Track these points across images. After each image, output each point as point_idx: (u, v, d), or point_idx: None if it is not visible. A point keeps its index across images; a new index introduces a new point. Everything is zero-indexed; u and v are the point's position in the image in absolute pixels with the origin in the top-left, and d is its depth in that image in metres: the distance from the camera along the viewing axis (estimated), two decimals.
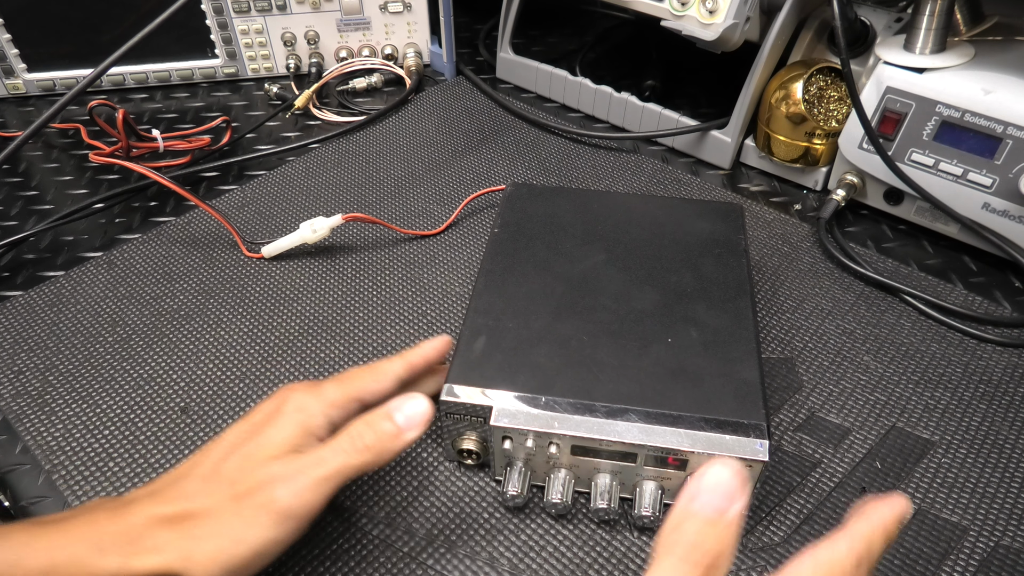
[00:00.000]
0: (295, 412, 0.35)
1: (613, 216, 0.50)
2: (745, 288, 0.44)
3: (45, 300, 0.53)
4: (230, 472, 0.33)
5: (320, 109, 0.75)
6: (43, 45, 0.74)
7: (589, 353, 0.40)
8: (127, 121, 0.62)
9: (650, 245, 0.47)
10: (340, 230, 0.59)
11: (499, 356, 0.40)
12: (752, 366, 0.39)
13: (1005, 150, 0.51)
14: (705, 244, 0.47)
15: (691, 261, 0.46)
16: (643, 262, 0.46)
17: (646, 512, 0.37)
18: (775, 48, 0.61)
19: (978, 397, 0.46)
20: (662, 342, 0.40)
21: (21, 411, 0.45)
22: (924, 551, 0.38)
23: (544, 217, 0.50)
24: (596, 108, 0.73)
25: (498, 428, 0.37)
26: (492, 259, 0.46)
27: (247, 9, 0.75)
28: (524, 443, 0.37)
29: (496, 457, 0.39)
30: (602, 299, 0.43)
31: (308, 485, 0.32)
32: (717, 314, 0.42)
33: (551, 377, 0.38)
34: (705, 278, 0.45)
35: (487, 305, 0.43)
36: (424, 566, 0.38)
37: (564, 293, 0.44)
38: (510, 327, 0.41)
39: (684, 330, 0.41)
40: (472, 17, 0.92)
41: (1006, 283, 0.55)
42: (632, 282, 0.44)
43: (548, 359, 0.39)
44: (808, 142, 0.61)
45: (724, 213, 0.50)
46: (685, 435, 0.36)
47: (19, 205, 0.63)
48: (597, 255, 0.47)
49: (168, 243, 0.58)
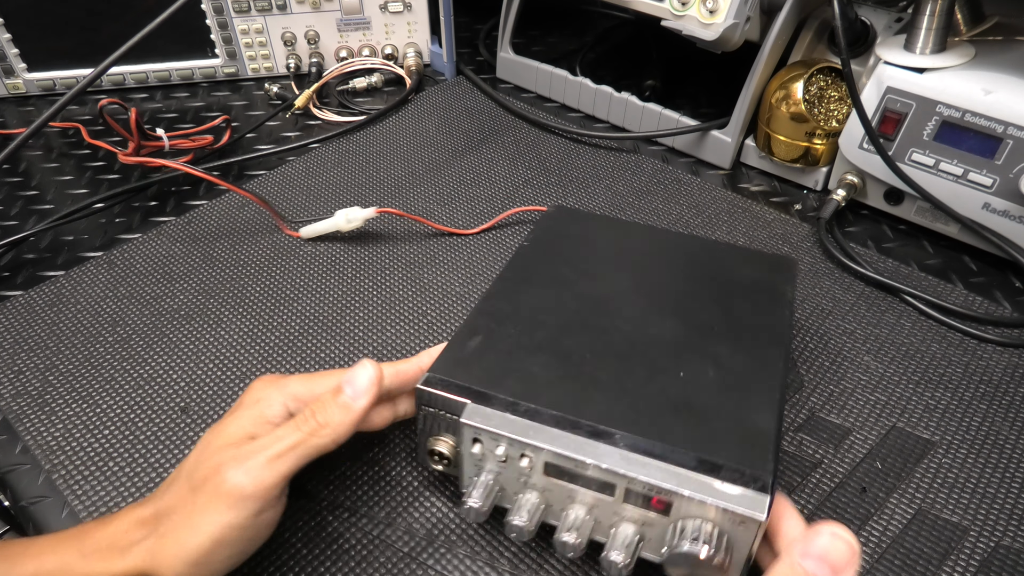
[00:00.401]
0: (254, 404, 0.36)
1: (651, 249, 0.47)
2: (782, 339, 0.39)
3: (45, 300, 0.53)
4: (188, 466, 0.34)
5: (320, 109, 0.75)
6: (43, 44, 0.74)
7: (588, 371, 0.36)
8: (138, 121, 0.62)
9: (684, 280, 0.44)
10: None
11: (491, 357, 0.37)
12: (770, 415, 0.34)
13: (1005, 150, 0.51)
14: (747, 289, 0.43)
15: (726, 303, 0.41)
16: (671, 295, 0.42)
17: (616, 558, 0.32)
18: (775, 48, 0.61)
19: (978, 397, 0.46)
20: (672, 374, 0.36)
21: (21, 411, 0.45)
22: (924, 551, 0.38)
23: (577, 239, 0.47)
24: (596, 108, 0.73)
25: (469, 427, 0.34)
26: (512, 268, 0.44)
27: (247, 9, 0.75)
28: (495, 450, 0.34)
29: (464, 463, 0.36)
30: (617, 322, 0.40)
31: (260, 463, 0.32)
32: (742, 358, 0.37)
33: (540, 386, 0.35)
34: (738, 321, 0.40)
35: (493, 308, 0.41)
36: (424, 566, 0.38)
37: (578, 310, 0.41)
38: (511, 332, 0.39)
39: (701, 366, 0.37)
40: (472, 17, 0.92)
41: (1006, 283, 0.55)
42: (654, 311, 0.41)
43: (542, 369, 0.36)
44: (808, 142, 0.61)
45: (775, 264, 0.46)
46: (673, 472, 0.31)
47: (19, 205, 0.63)
48: (623, 282, 0.43)
49: (168, 243, 0.58)
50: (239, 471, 0.32)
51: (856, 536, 0.39)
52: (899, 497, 0.41)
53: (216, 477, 0.32)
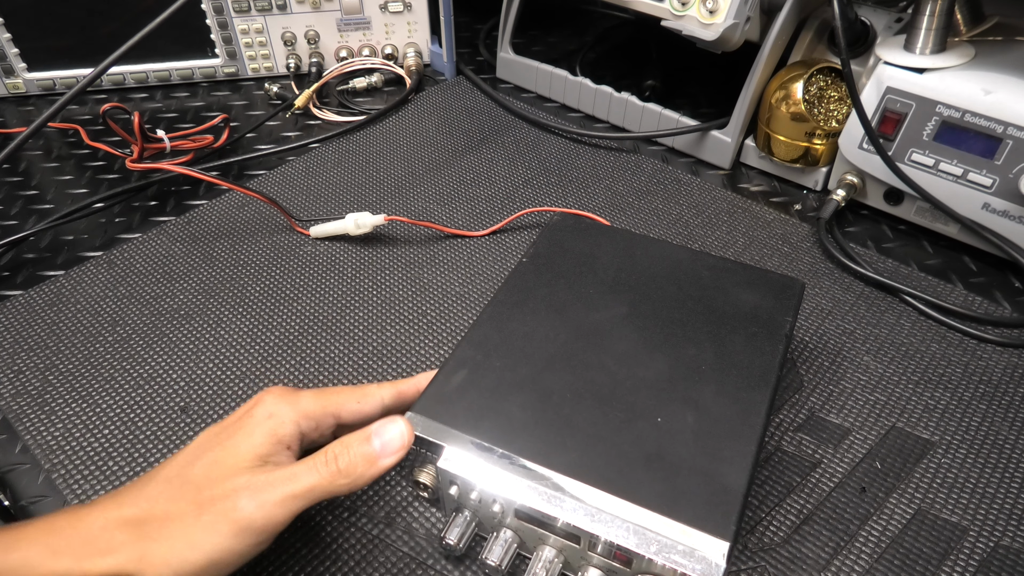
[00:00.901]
0: (266, 419, 0.34)
1: (653, 268, 0.46)
2: (768, 380, 0.38)
3: (45, 299, 0.53)
4: (196, 478, 0.33)
5: (320, 109, 0.75)
6: (43, 44, 0.74)
7: (567, 414, 0.36)
8: (141, 125, 0.63)
9: (681, 308, 0.43)
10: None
11: (473, 395, 0.37)
12: (741, 472, 0.34)
13: (1005, 150, 0.51)
14: (743, 319, 0.42)
15: (719, 336, 0.41)
16: (665, 326, 0.42)
17: None
18: (775, 48, 0.61)
19: (978, 397, 0.46)
20: (651, 420, 0.36)
21: (21, 410, 0.45)
22: (924, 551, 0.38)
23: (579, 256, 0.46)
24: (596, 108, 0.73)
25: (445, 472, 0.35)
26: (507, 291, 0.44)
27: (247, 9, 0.75)
28: (469, 495, 0.36)
29: (444, 499, 0.37)
30: (604, 358, 0.40)
31: (275, 500, 0.32)
32: (725, 403, 0.37)
33: (517, 431, 0.36)
34: (728, 358, 0.40)
35: (482, 338, 0.41)
36: (424, 566, 0.38)
37: (566, 342, 0.40)
38: (496, 367, 0.39)
39: (680, 412, 0.37)
40: (472, 17, 0.92)
41: (1006, 283, 0.55)
42: (644, 346, 0.40)
43: (521, 411, 0.37)
44: (808, 142, 0.61)
45: (779, 287, 0.44)
46: (634, 531, 0.32)
47: (19, 204, 0.63)
48: (618, 307, 0.43)
49: (168, 242, 0.58)
50: (253, 503, 0.31)
51: (856, 536, 0.39)
52: (899, 497, 0.41)
53: (227, 501, 0.31)
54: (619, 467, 0.34)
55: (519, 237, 0.59)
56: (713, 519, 0.32)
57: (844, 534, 0.39)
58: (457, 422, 0.36)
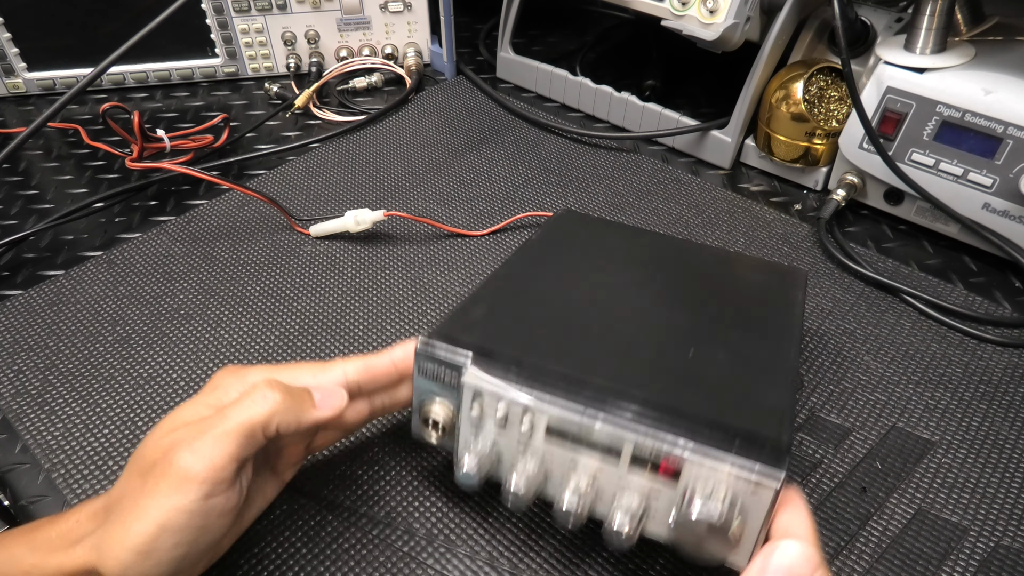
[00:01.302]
0: (210, 391, 0.34)
1: (661, 253, 0.46)
2: (792, 335, 0.38)
3: (45, 299, 0.53)
4: (139, 453, 0.32)
5: (320, 108, 0.75)
6: (43, 43, 0.74)
7: (596, 342, 0.35)
8: (141, 124, 0.63)
9: (695, 280, 0.43)
10: None
11: (494, 323, 0.35)
12: (783, 393, 0.32)
13: (1005, 150, 0.51)
14: (758, 289, 0.43)
15: (737, 300, 0.41)
16: (682, 290, 0.41)
17: (620, 526, 0.30)
18: (775, 48, 0.61)
19: (978, 397, 0.46)
20: (683, 353, 0.35)
21: (21, 410, 0.45)
22: (924, 551, 0.38)
23: (586, 238, 0.46)
24: (596, 108, 0.73)
25: (470, 384, 0.32)
26: (520, 255, 0.43)
27: (247, 8, 0.75)
28: (495, 411, 0.32)
29: (461, 427, 0.34)
30: (627, 307, 0.39)
31: (207, 442, 0.30)
32: (754, 345, 0.36)
33: (545, 349, 0.33)
34: (749, 314, 0.39)
35: (499, 285, 0.39)
36: (424, 566, 0.38)
37: (586, 293, 0.39)
38: (517, 305, 0.37)
39: (711, 349, 0.35)
40: (472, 17, 0.92)
41: (1006, 283, 0.55)
42: (665, 302, 0.40)
43: (548, 335, 0.35)
44: (808, 142, 0.61)
45: (786, 274, 0.45)
46: (684, 434, 0.30)
47: (19, 204, 0.63)
48: (633, 274, 0.42)
49: (168, 242, 0.58)
50: (187, 451, 0.30)
51: (856, 536, 0.39)
52: (899, 497, 0.41)
53: (164, 460, 0.30)
54: (659, 381, 0.32)
55: (519, 237, 0.59)
56: (765, 422, 0.30)
57: (844, 534, 0.39)
58: (482, 340, 0.33)
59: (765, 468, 0.28)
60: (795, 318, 0.40)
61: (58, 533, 0.31)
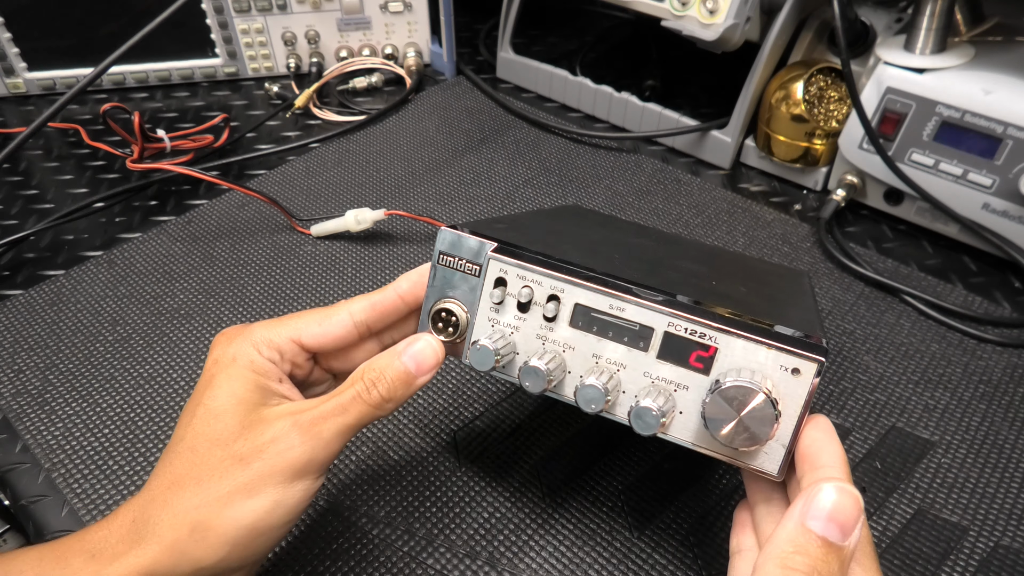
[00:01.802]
0: (230, 363, 0.32)
1: (670, 239, 0.47)
2: (806, 290, 0.39)
3: (45, 299, 0.53)
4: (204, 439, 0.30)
5: (320, 108, 0.75)
6: (43, 44, 0.74)
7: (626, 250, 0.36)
8: (141, 125, 0.63)
9: (702, 263, 0.42)
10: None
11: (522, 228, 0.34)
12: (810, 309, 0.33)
13: (1005, 150, 0.51)
14: (769, 274, 0.44)
15: (748, 271, 0.42)
16: (695, 260, 0.42)
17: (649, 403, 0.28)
18: (775, 48, 0.61)
19: (978, 397, 0.46)
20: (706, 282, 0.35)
21: (21, 410, 0.45)
22: (924, 551, 0.38)
23: (595, 219, 0.48)
24: (596, 108, 0.73)
25: (496, 260, 0.31)
26: (531, 214, 0.44)
27: (247, 8, 0.75)
28: (518, 293, 0.31)
29: (479, 315, 0.32)
30: (644, 252, 0.39)
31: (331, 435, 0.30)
32: (772, 287, 0.37)
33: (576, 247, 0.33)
34: (762, 277, 0.41)
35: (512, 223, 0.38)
36: (424, 566, 0.38)
37: (603, 240, 0.40)
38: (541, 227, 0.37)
39: (732, 284, 0.36)
40: (472, 17, 0.92)
41: (1006, 283, 0.55)
42: (681, 258, 0.41)
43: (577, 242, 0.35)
44: (808, 142, 0.61)
45: (791, 272, 0.47)
46: (717, 315, 0.28)
47: (19, 204, 0.63)
48: (646, 241, 0.43)
49: (168, 242, 0.58)
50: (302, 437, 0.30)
51: None
52: (899, 497, 0.41)
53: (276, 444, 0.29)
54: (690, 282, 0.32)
55: None
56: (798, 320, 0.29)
57: None
58: (507, 236, 0.32)
59: (804, 352, 0.27)
60: (807, 283, 0.41)
61: (93, 548, 0.29)
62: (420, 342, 0.33)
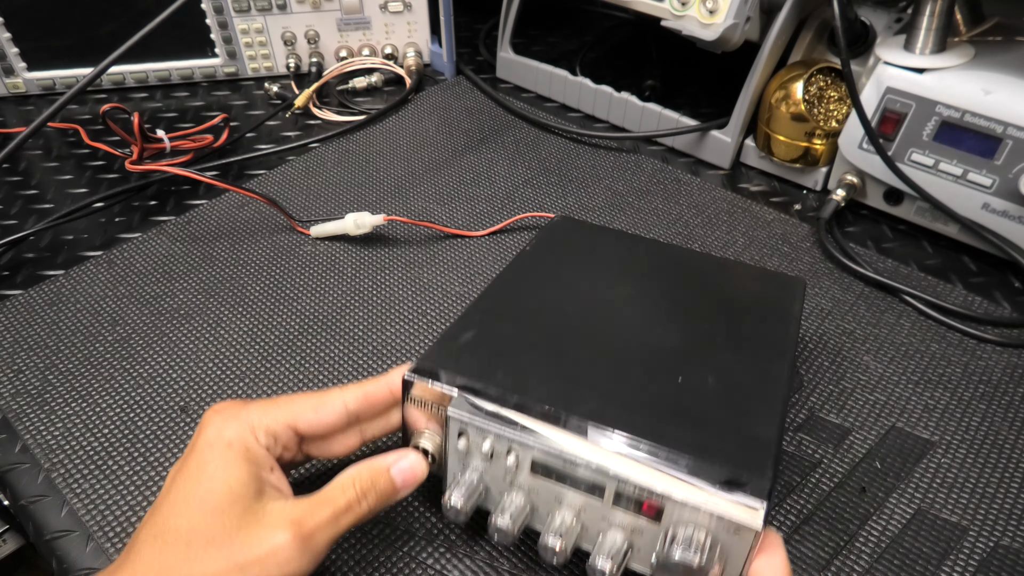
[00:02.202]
0: (226, 448, 0.32)
1: (657, 261, 0.46)
2: (785, 353, 0.38)
3: (45, 299, 0.53)
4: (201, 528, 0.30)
5: (320, 108, 0.75)
6: (43, 43, 0.74)
7: (584, 370, 0.35)
8: (141, 125, 0.63)
9: (689, 292, 0.43)
10: None
11: (482, 351, 0.36)
12: (771, 426, 0.32)
13: (1005, 150, 0.51)
14: (752, 304, 0.42)
15: (730, 315, 0.41)
16: (675, 304, 0.41)
17: (603, 565, 0.31)
18: (775, 48, 0.61)
19: (978, 397, 0.46)
20: (670, 379, 0.35)
21: (21, 410, 0.45)
22: (924, 551, 0.38)
23: (582, 247, 0.46)
24: (596, 108, 0.73)
25: (455, 419, 0.33)
26: (512, 269, 0.43)
27: (247, 8, 0.75)
28: (481, 445, 0.33)
29: (449, 459, 0.35)
30: (617, 327, 0.39)
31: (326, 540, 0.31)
32: (745, 368, 0.36)
33: (531, 380, 0.34)
34: (742, 333, 0.39)
35: (490, 305, 0.40)
36: (424, 566, 0.38)
37: (577, 313, 0.40)
38: (505, 329, 0.38)
39: (700, 374, 0.36)
40: (472, 17, 0.92)
41: (1006, 283, 0.55)
42: (656, 319, 0.40)
43: (534, 366, 0.35)
44: (808, 142, 0.61)
45: (784, 282, 0.45)
46: (666, 475, 0.30)
47: (19, 204, 0.63)
48: (626, 288, 0.42)
49: (168, 242, 0.58)
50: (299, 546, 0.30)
51: (856, 536, 0.39)
52: (898, 497, 0.41)
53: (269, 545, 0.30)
54: (644, 417, 0.32)
55: (518, 238, 0.59)
56: (749, 464, 0.30)
57: (844, 534, 0.39)
58: (467, 372, 0.34)
59: (747, 511, 0.29)
60: (789, 336, 0.39)
61: None
62: (408, 459, 0.34)
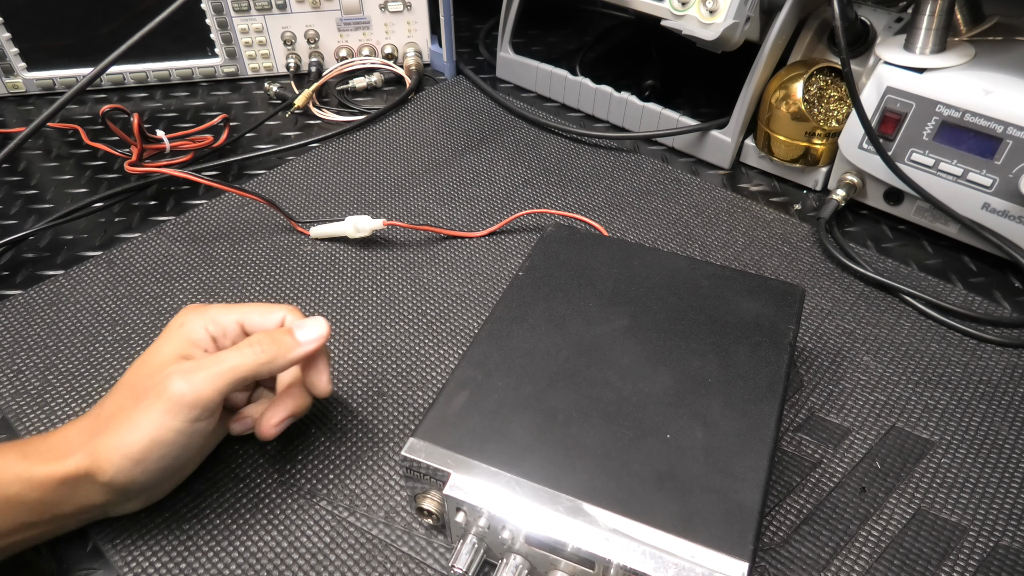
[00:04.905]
0: (178, 328, 0.39)
1: (651, 278, 0.45)
2: (776, 390, 0.38)
3: (45, 299, 0.53)
4: (131, 380, 0.37)
5: (320, 108, 0.75)
6: (42, 43, 0.74)
7: (574, 434, 0.36)
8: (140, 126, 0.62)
9: (682, 319, 0.42)
10: None
11: (476, 418, 0.37)
12: (754, 489, 0.34)
13: (1005, 150, 0.51)
14: (746, 328, 0.42)
15: (723, 347, 0.41)
16: (668, 338, 0.41)
17: None
18: (775, 48, 0.61)
19: (978, 397, 0.46)
20: (660, 436, 0.36)
21: (21, 410, 0.45)
22: (924, 551, 0.38)
23: (576, 268, 0.46)
24: (596, 108, 0.73)
25: (452, 499, 0.35)
26: (504, 307, 0.43)
27: (247, 8, 0.75)
28: (477, 521, 0.35)
29: (452, 528, 0.37)
30: (608, 373, 0.39)
31: (202, 377, 0.36)
32: (734, 416, 0.37)
33: (524, 454, 0.35)
34: (733, 369, 0.39)
35: (482, 357, 0.40)
36: (423, 566, 0.38)
37: (568, 358, 0.40)
38: (498, 387, 0.38)
39: (689, 427, 0.36)
40: (472, 16, 0.92)
41: (1006, 283, 0.55)
42: (648, 359, 0.40)
43: (527, 432, 0.36)
44: (808, 142, 0.61)
45: (780, 294, 0.44)
46: (650, 554, 0.32)
47: (19, 204, 0.63)
48: (619, 320, 0.42)
49: (168, 242, 0.58)
50: (181, 381, 0.35)
51: (856, 536, 0.39)
52: (898, 497, 0.41)
53: (159, 386, 0.35)
54: (630, 488, 0.34)
55: (518, 238, 0.59)
56: (730, 538, 0.32)
57: (844, 534, 0.39)
58: (462, 447, 0.36)
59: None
60: (782, 363, 0.40)
61: (48, 447, 0.36)
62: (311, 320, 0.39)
